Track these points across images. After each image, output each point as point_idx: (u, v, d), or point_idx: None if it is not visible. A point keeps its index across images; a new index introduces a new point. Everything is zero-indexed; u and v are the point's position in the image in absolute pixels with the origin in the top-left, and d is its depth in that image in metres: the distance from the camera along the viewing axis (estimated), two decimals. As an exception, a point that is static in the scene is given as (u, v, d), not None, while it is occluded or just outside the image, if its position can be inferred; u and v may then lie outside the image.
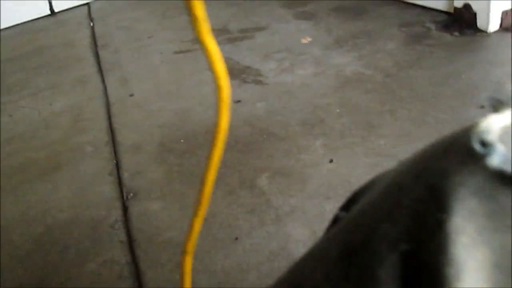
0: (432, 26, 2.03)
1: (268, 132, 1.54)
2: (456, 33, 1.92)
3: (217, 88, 0.52)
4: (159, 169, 1.50)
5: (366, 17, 2.30)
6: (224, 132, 0.58)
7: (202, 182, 0.58)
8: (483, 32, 1.88)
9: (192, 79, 2.08)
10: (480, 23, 1.89)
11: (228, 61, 2.18)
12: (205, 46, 0.50)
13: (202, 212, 0.60)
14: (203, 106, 1.83)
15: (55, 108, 2.16)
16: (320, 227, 1.12)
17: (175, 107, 1.87)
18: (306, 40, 2.20)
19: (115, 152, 1.67)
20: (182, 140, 1.62)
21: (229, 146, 1.53)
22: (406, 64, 1.79)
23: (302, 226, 1.14)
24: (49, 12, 4.11)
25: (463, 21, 1.96)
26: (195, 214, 0.60)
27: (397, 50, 1.91)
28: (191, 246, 0.60)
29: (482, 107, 1.45)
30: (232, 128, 1.64)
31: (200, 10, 0.43)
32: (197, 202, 0.60)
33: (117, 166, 1.58)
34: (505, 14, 1.86)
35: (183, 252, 0.62)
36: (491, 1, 1.82)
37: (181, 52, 2.43)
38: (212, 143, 0.56)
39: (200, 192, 0.60)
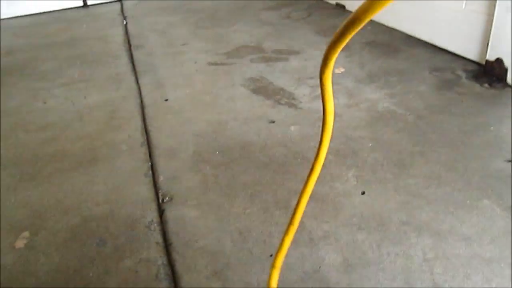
0: (463, 75, 2.11)
1: (302, 156, 1.61)
2: (486, 85, 2.00)
3: (323, 123, 0.59)
4: (195, 178, 1.55)
5: (398, 56, 2.38)
6: (322, 160, 0.64)
7: (296, 203, 0.63)
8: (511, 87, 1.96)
9: (226, 93, 2.15)
10: (510, 79, 1.98)
11: (261, 80, 2.26)
12: (323, 85, 0.57)
13: (293, 231, 0.66)
14: (237, 121, 1.89)
15: (90, 101, 2.21)
16: (352, 255, 1.18)
17: (210, 118, 1.93)
18: (339, 70, 2.28)
19: (150, 154, 1.72)
20: (217, 152, 1.68)
21: (264, 165, 1.59)
22: (436, 108, 1.86)
23: (335, 252, 1.20)
24: (82, 4, 4.20)
25: (494, 74, 2.04)
26: (286, 232, 0.66)
27: (428, 93, 1.98)
28: (279, 262, 0.66)
29: (510, 161, 1.52)
30: (267, 147, 1.70)
31: (331, 55, 0.49)
32: (289, 222, 0.65)
33: (152, 169, 1.63)
34: (535, 74, 1.94)
35: (272, 266, 0.68)
36: (524, 60, 1.90)
37: (215, 64, 2.50)
38: (311, 169, 0.63)
39: (293, 213, 0.66)
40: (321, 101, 0.59)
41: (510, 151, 1.57)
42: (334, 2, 3.33)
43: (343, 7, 3.23)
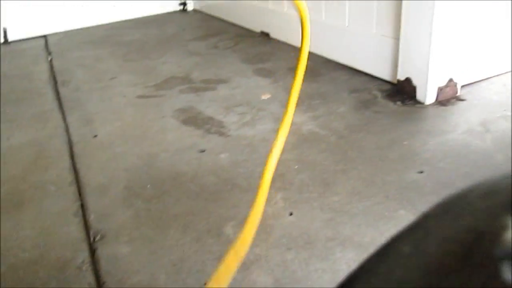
0: (379, 94, 2.28)
1: (233, 183, 1.66)
2: (399, 103, 2.17)
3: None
4: (126, 213, 1.55)
5: (320, 79, 2.52)
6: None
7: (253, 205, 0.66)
8: (421, 104, 2.14)
9: (157, 125, 2.17)
10: (419, 96, 2.16)
11: (191, 110, 2.30)
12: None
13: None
14: (168, 152, 1.92)
15: (14, 142, 2.15)
16: (282, 275, 1.23)
17: (141, 152, 1.94)
18: (265, 96, 2.38)
19: (80, 193, 1.70)
20: (149, 185, 1.69)
21: (196, 194, 1.62)
22: (356, 127, 1.99)
23: (266, 273, 1.25)
24: (2, 40, 4.06)
25: (405, 92, 2.22)
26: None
27: (348, 113, 2.12)
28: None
29: (421, 172, 1.66)
30: (198, 176, 1.74)
31: None
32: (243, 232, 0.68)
33: (82, 208, 1.61)
34: (440, 90, 2.14)
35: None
36: (429, 77, 2.09)
37: (144, 96, 2.52)
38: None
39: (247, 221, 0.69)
40: (248, 127, 0.64)
41: (421, 163, 1.71)
42: (259, 31, 3.46)
43: (267, 35, 3.37)
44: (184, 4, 4.40)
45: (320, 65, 2.72)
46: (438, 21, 2.02)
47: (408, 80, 2.21)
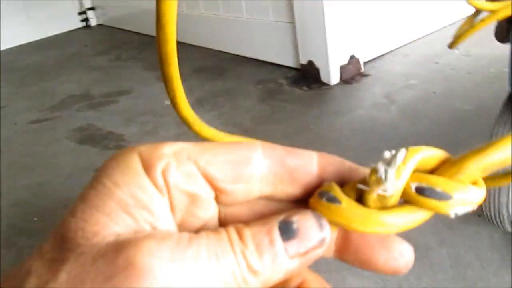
0: (284, 82, 2.20)
1: (129, 199, 1.50)
2: (305, 88, 2.10)
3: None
4: (8, 255, 1.36)
5: (226, 76, 2.42)
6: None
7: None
8: (326, 85, 2.08)
9: (49, 150, 1.97)
10: (323, 77, 2.10)
11: (89, 128, 2.12)
12: None
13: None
14: (60, 177, 1.73)
15: None
16: None
17: (30, 183, 1.74)
18: (168, 101, 2.23)
19: (-44, 240, 1.48)
20: (36, 219, 1.50)
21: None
22: (262, 119, 1.90)
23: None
24: None
25: (309, 76, 2.15)
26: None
27: (253, 106, 2.02)
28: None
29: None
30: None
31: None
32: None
33: (-42, 257, 1.40)
34: (343, 68, 2.09)
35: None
36: (330, 57, 2.03)
37: (38, 121, 2.30)
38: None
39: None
40: (150, 136, 0.50)
41: (328, 145, 1.64)
42: (163, 36, 3.31)
43: (172, 39, 3.22)
44: (87, 20, 4.16)
45: (226, 62, 2.62)
46: (328, 0, 1.97)
47: (310, 63, 2.14)
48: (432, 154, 0.21)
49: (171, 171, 0.21)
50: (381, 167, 0.20)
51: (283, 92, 2.11)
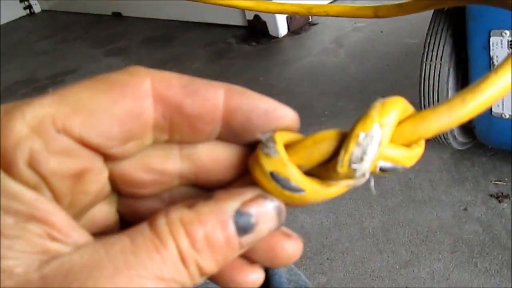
0: (233, 41, 2.14)
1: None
2: (254, 43, 2.05)
3: None
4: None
5: (174, 43, 2.34)
6: None
7: None
8: (275, 38, 2.04)
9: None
10: (271, 30, 2.05)
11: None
12: None
13: None
14: None
15: None
16: None
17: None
18: (117, 74, 2.16)
19: None
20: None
21: None
22: (211, 78, 1.81)
23: None
24: None
25: (257, 31, 2.10)
26: None
27: (203, 67, 1.97)
28: None
29: (278, 102, 1.55)
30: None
31: None
32: None
33: None
34: (290, 19, 2.04)
35: None
36: (275, 10, 1.98)
37: (-18, 111, 2.19)
38: None
39: None
40: None
41: (278, 94, 1.60)
42: (110, 12, 3.19)
43: (119, 14, 3.12)
44: (30, 7, 3.98)
45: (175, 29, 2.53)
46: None
47: (257, 18, 2.09)
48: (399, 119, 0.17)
49: (41, 157, 0.15)
50: (356, 151, 0.16)
51: (232, 51, 2.05)
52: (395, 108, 0.16)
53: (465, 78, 0.97)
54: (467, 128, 1.09)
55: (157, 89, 0.17)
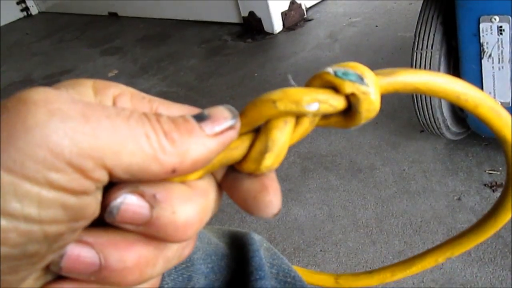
0: (228, 38, 2.14)
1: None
2: (249, 40, 2.05)
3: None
4: None
5: (170, 41, 2.34)
6: None
7: None
8: (270, 34, 2.03)
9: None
10: (266, 27, 2.05)
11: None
12: None
13: None
14: None
15: None
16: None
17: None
18: (112, 73, 2.15)
19: None
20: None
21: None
22: (206, 75, 1.84)
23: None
24: None
25: (253, 28, 2.10)
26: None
27: (198, 65, 1.96)
28: None
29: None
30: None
31: None
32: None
33: None
34: (285, 15, 2.04)
35: None
36: (270, 5, 1.98)
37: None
38: None
39: None
40: None
41: (272, 89, 1.60)
42: (106, 12, 3.19)
43: (115, 14, 3.12)
44: (27, 9, 3.99)
45: (170, 28, 2.53)
46: None
47: (252, 14, 2.08)
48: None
49: (123, 98, 0.19)
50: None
51: (227, 48, 2.05)
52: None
53: (456, 66, 0.96)
54: (461, 117, 1.09)
55: None
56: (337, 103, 0.18)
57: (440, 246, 0.25)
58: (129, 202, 0.17)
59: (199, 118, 0.19)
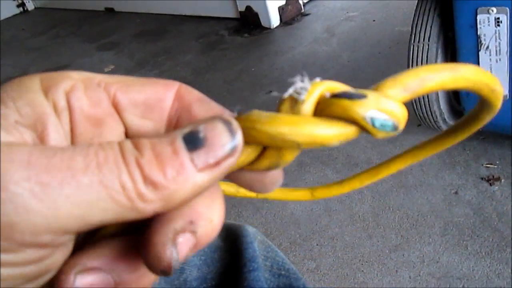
0: (225, 33, 2.13)
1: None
2: (246, 35, 2.04)
3: None
4: None
5: (166, 36, 2.33)
6: None
7: None
8: (267, 29, 2.02)
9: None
10: (263, 21, 2.04)
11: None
12: None
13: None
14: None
15: None
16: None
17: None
18: (108, 68, 2.14)
19: None
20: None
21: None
22: (202, 70, 1.83)
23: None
24: None
25: (250, 23, 2.09)
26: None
27: (194, 60, 1.95)
28: None
29: (270, 92, 1.54)
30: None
31: None
32: None
33: None
34: (282, 10, 2.03)
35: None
36: (267, 0, 1.97)
37: (-27, 107, 2.18)
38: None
39: None
40: None
41: (269, 84, 1.59)
42: (103, 7, 3.18)
43: (112, 10, 3.10)
44: (23, 4, 3.96)
45: (167, 23, 2.52)
46: None
47: (249, 9, 2.07)
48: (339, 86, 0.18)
49: (76, 93, 0.18)
50: (296, 80, 0.18)
51: (224, 42, 2.04)
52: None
53: (453, 59, 0.95)
54: (458, 111, 1.08)
55: (180, 90, 0.20)
56: (354, 136, 0.17)
57: (404, 153, 0.25)
58: None
59: (192, 144, 0.15)
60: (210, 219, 0.17)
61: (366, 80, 1.44)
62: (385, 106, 0.17)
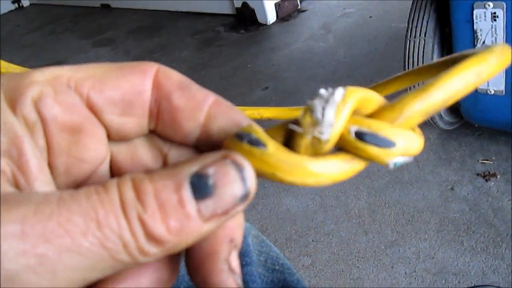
0: (222, 29, 2.12)
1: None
2: (242, 31, 2.03)
3: None
4: None
5: (163, 32, 2.32)
6: None
7: None
8: (264, 25, 2.02)
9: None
10: (259, 18, 2.03)
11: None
12: None
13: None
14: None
15: None
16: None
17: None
18: (104, 64, 2.13)
19: None
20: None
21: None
22: (198, 66, 1.82)
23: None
24: None
25: (246, 19, 2.08)
26: None
27: (190, 56, 1.94)
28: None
29: (266, 88, 1.53)
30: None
31: None
32: None
33: None
34: (279, 6, 2.02)
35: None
36: (263, -3, 1.96)
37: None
38: None
39: None
40: None
41: (266, 80, 1.58)
42: (99, 4, 3.16)
43: (108, 6, 3.08)
44: (18, 1, 3.94)
45: (163, 19, 2.51)
46: None
47: (245, 5, 2.06)
48: (371, 96, 0.17)
49: (46, 101, 0.16)
50: (317, 105, 0.16)
51: (220, 39, 2.03)
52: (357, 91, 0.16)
53: (449, 54, 0.95)
54: (453, 107, 1.08)
55: (158, 77, 0.18)
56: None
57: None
58: None
59: (200, 191, 0.14)
60: (241, 224, 0.17)
61: (363, 76, 1.44)
62: (411, 151, 0.16)
